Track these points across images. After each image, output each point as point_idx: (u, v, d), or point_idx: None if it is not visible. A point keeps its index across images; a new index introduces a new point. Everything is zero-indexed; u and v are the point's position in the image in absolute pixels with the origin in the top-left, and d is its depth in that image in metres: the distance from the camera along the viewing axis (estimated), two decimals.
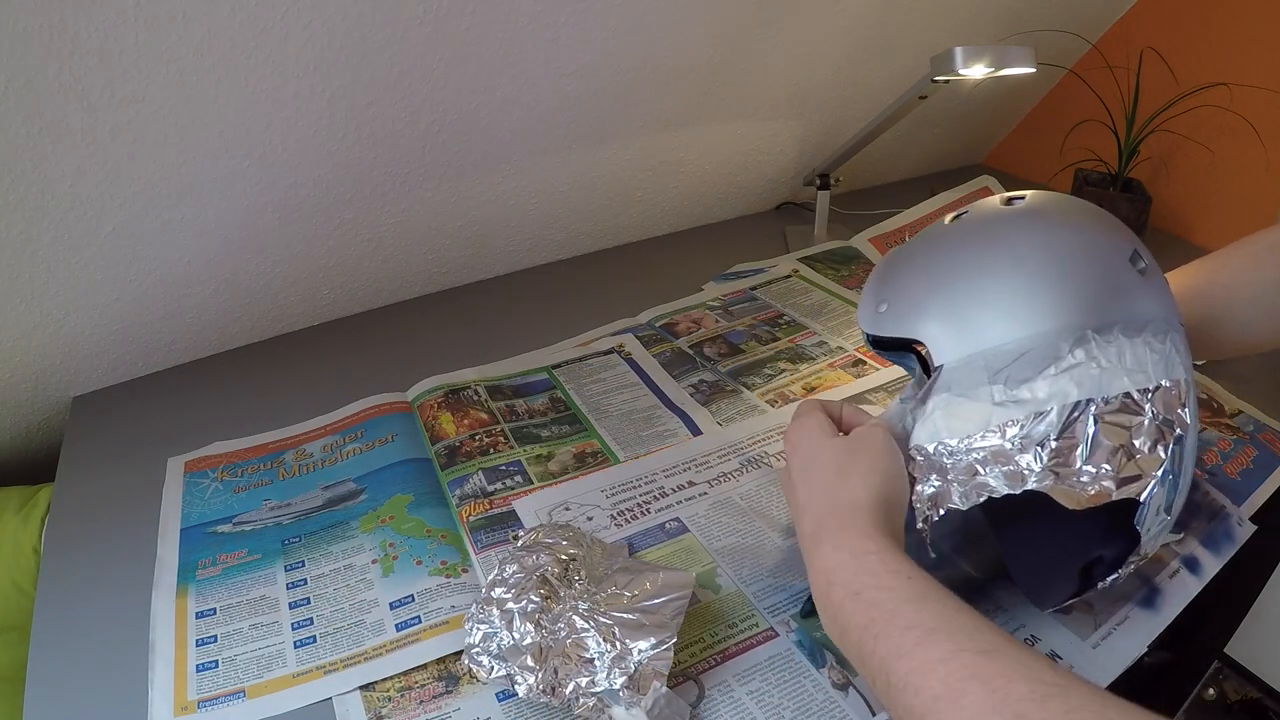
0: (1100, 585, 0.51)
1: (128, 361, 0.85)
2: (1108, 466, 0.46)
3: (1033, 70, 0.80)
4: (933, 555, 0.49)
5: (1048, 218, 0.53)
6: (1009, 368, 0.48)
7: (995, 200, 0.56)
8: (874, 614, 0.41)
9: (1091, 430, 0.46)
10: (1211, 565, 0.62)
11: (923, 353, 0.52)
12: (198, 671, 0.55)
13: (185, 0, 0.59)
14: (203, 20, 0.60)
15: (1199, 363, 0.85)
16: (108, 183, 0.68)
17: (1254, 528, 0.66)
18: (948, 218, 0.57)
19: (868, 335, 0.58)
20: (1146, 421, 0.47)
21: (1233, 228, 0.62)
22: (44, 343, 0.78)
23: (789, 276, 1.04)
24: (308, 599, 0.60)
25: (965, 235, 0.54)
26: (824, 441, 0.51)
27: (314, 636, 0.57)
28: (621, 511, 0.67)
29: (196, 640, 0.57)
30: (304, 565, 0.63)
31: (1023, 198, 0.55)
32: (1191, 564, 0.62)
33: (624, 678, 0.48)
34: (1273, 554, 0.72)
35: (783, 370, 0.85)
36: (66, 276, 0.73)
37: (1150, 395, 0.47)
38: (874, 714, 0.51)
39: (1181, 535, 0.64)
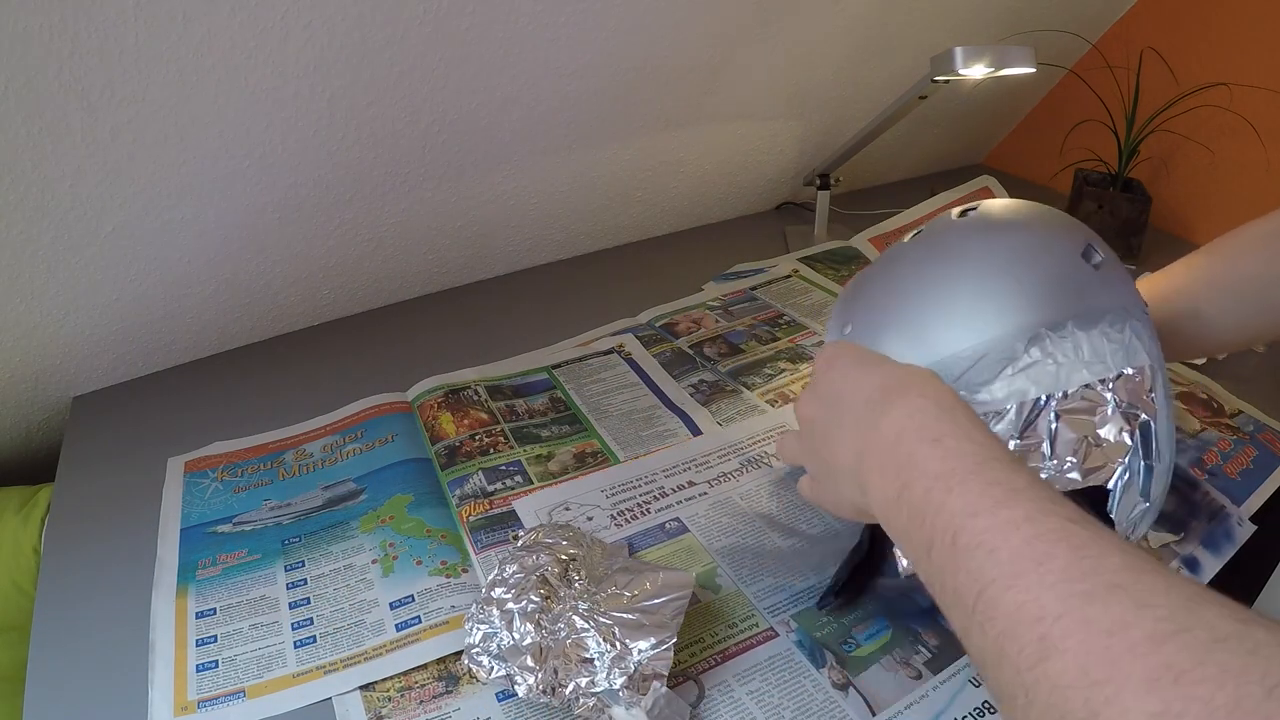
0: None
1: (128, 361, 0.85)
2: (1072, 459, 0.47)
3: (1033, 70, 0.80)
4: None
5: (996, 225, 0.54)
6: (967, 373, 0.49)
7: (952, 214, 0.57)
8: (954, 465, 0.35)
9: (1054, 425, 0.47)
10: (1211, 565, 0.62)
11: None
12: (198, 671, 0.55)
13: (185, 0, 0.59)
14: (203, 20, 0.60)
15: (1198, 362, 0.85)
16: (108, 183, 0.68)
17: (1254, 528, 0.66)
18: (907, 236, 0.58)
19: None
20: (1110, 410, 0.47)
21: (1232, 228, 0.62)
22: (44, 343, 0.78)
23: (789, 276, 1.04)
24: (308, 599, 0.60)
25: (920, 250, 0.56)
26: (871, 369, 0.45)
27: (314, 636, 0.57)
28: (621, 511, 0.67)
29: (196, 640, 0.57)
30: (304, 565, 0.63)
31: (975, 208, 0.56)
32: (1191, 564, 0.62)
33: (624, 678, 0.48)
34: (1273, 554, 0.72)
35: (783, 370, 0.85)
36: (66, 276, 0.73)
37: (1112, 384, 0.48)
38: (874, 714, 0.51)
39: (1181, 535, 0.64)
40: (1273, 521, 0.68)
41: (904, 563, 0.47)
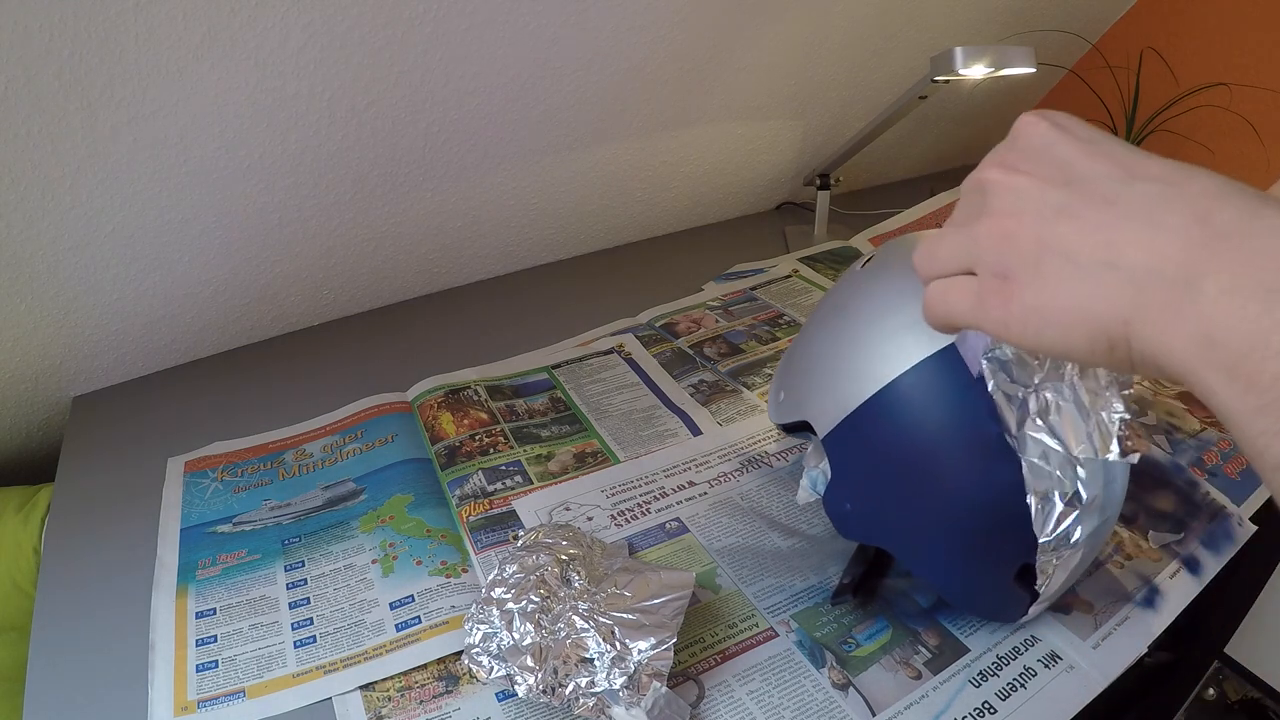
0: (1039, 588, 0.51)
1: (128, 361, 0.85)
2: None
3: (1033, 70, 0.80)
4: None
5: (882, 269, 0.56)
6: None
7: (856, 265, 0.60)
8: None
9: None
10: (1211, 565, 0.62)
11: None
12: (198, 671, 0.55)
13: (185, 0, 0.59)
14: (203, 20, 0.60)
15: None
16: (108, 183, 0.68)
17: (1254, 528, 0.66)
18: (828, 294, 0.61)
19: (777, 424, 0.64)
20: None
21: None
22: (44, 343, 0.78)
23: (789, 276, 1.04)
24: (308, 599, 0.60)
25: (827, 310, 0.59)
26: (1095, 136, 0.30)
27: (314, 636, 0.57)
28: (621, 511, 0.67)
29: (196, 640, 0.57)
30: (304, 565, 0.63)
31: (873, 256, 0.58)
32: (1191, 564, 0.62)
33: (624, 678, 0.48)
34: (1273, 554, 0.72)
35: None
36: (66, 276, 0.73)
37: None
38: (874, 714, 0.51)
39: (1182, 535, 0.64)
40: (1273, 521, 0.68)
41: (1016, 426, 0.38)
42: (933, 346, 0.49)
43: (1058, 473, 0.45)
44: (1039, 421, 0.42)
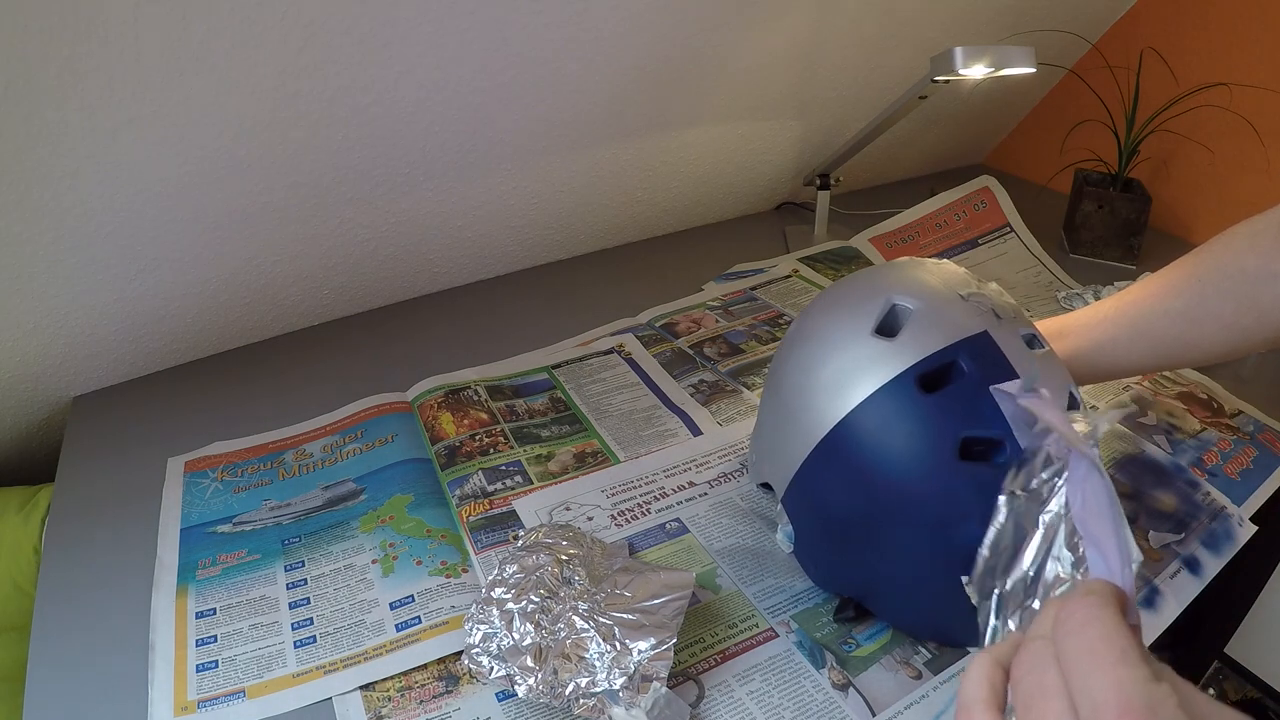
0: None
1: (128, 361, 0.85)
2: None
3: (1033, 70, 0.80)
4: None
5: (799, 335, 0.58)
6: None
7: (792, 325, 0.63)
8: None
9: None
10: (1212, 565, 0.63)
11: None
12: (198, 671, 0.55)
13: (185, 0, 0.59)
14: (203, 20, 0.60)
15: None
16: (108, 183, 0.68)
17: (1254, 528, 0.66)
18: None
19: (758, 485, 0.66)
20: None
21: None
22: (44, 343, 0.78)
23: (789, 276, 1.04)
24: (308, 599, 0.60)
25: (770, 372, 0.62)
26: None
27: (314, 636, 0.57)
28: (622, 511, 0.67)
29: (196, 640, 0.57)
30: (304, 565, 0.63)
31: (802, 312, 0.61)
32: (1191, 564, 0.62)
33: (624, 678, 0.48)
34: (1273, 554, 0.72)
35: None
36: (66, 276, 0.73)
37: None
38: (874, 714, 0.51)
39: (1182, 535, 0.64)
40: (1273, 521, 0.68)
41: None
42: (857, 397, 0.50)
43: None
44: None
